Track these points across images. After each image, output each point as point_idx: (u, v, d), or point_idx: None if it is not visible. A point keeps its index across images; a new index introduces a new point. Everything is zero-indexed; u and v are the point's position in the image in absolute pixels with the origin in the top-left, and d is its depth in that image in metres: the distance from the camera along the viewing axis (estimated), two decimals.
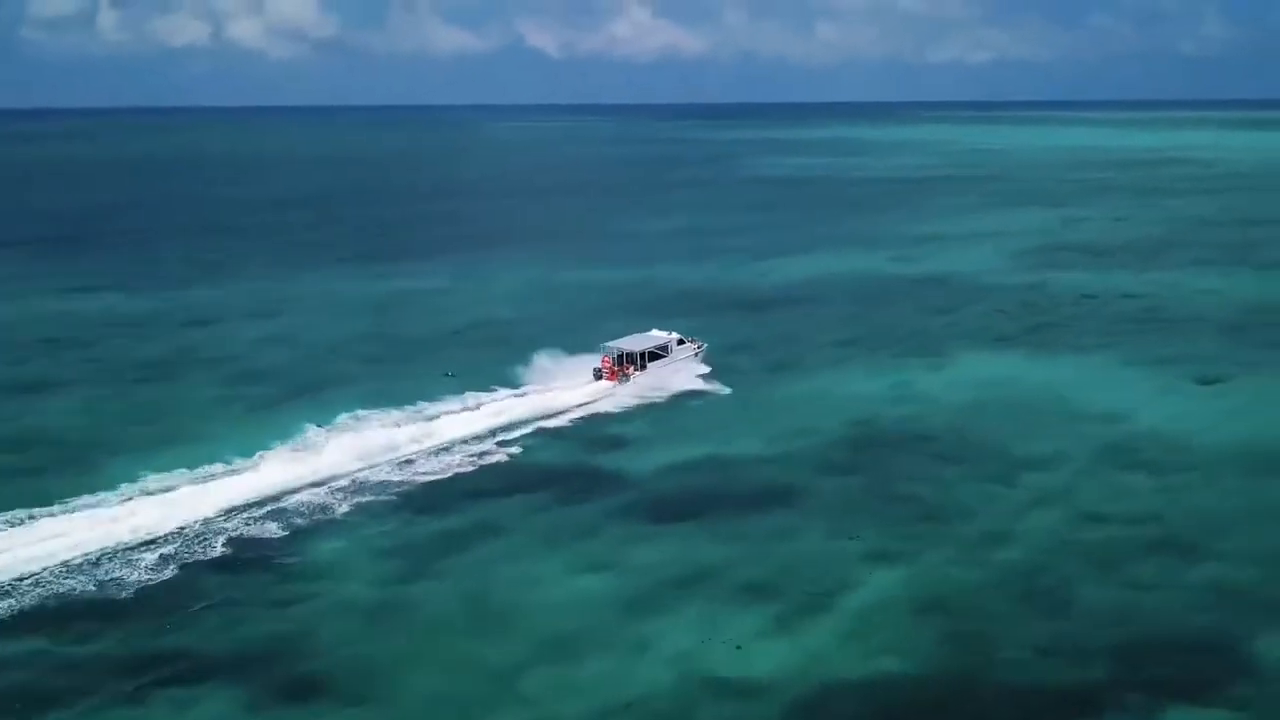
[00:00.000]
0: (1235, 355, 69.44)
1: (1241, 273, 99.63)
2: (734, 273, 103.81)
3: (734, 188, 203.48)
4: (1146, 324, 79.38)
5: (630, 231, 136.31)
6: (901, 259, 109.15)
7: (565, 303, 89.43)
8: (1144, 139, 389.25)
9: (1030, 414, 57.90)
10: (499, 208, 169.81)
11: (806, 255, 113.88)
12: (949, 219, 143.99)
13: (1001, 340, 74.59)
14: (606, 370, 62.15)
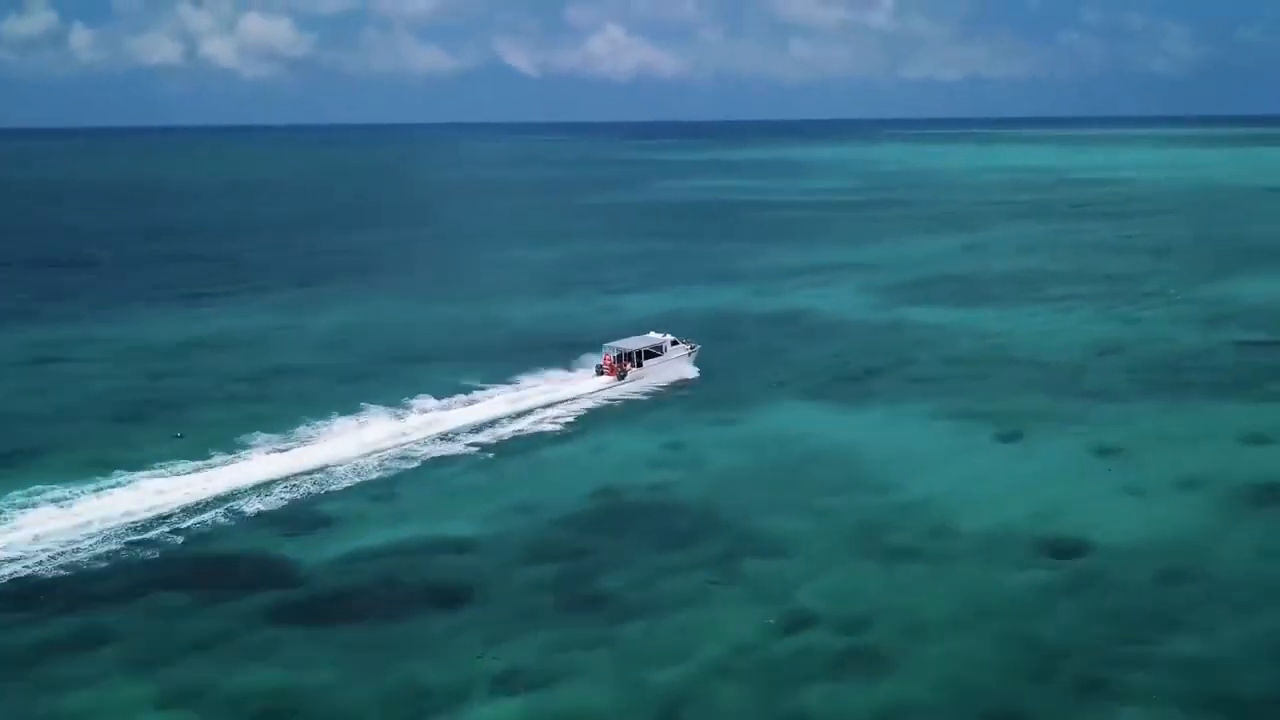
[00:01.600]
0: (1055, 408, 63.64)
1: (1111, 309, 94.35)
2: (578, 309, 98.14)
3: (643, 213, 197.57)
4: (981, 369, 73.88)
5: (502, 261, 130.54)
6: (763, 293, 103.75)
7: (370, 347, 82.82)
8: (1093, 157, 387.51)
9: (802, 480, 52.24)
10: (370, 239, 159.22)
11: (667, 289, 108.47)
12: (839, 248, 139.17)
13: (817, 389, 68.94)
14: (607, 367, 69.89)
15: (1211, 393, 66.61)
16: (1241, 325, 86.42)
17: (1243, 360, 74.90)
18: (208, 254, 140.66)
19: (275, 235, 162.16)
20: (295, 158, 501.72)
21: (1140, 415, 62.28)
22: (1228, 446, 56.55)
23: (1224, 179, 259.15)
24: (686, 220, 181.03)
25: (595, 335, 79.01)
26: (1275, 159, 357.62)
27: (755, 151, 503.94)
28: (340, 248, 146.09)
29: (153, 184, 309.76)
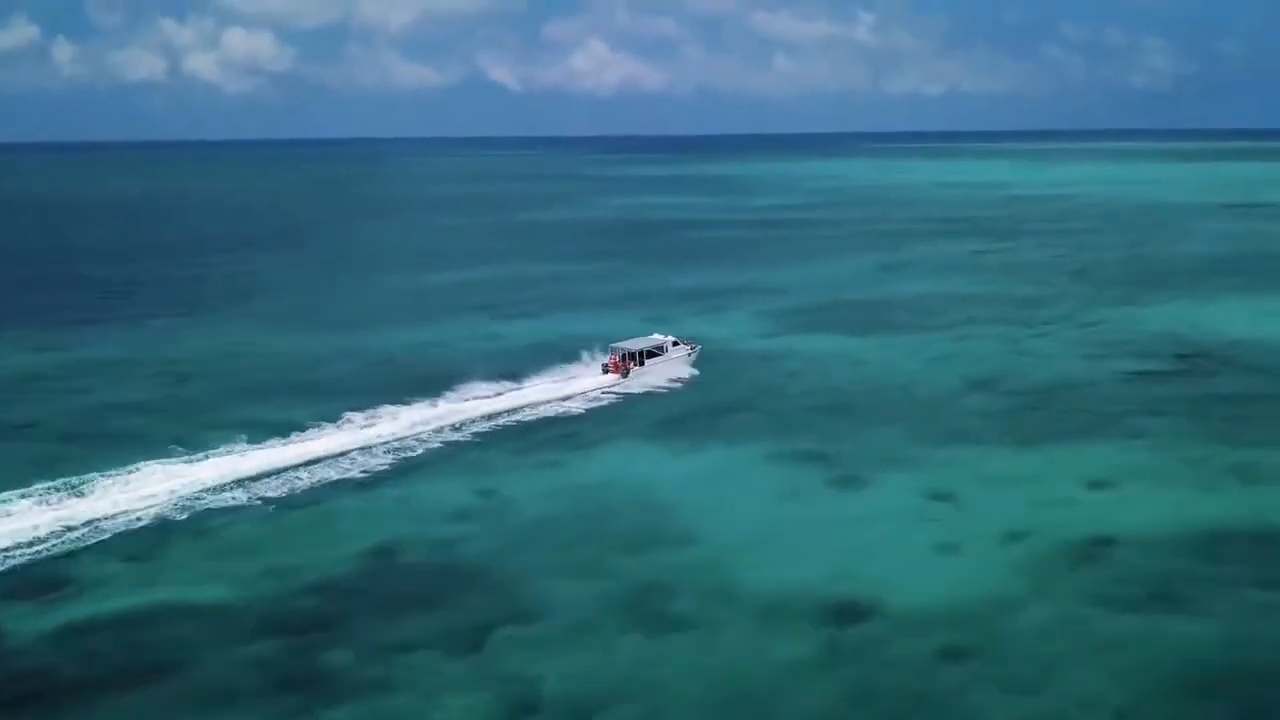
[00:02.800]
0: (905, 448, 59.96)
1: (1005, 337, 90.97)
2: (447, 337, 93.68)
3: (572, 231, 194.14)
4: (845, 404, 70.22)
5: (389, 286, 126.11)
6: (652, 319, 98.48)
7: (206, 381, 78.48)
8: (1051, 173, 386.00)
9: (601, 535, 48.33)
10: (268, 261, 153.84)
11: (555, 314, 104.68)
12: (753, 269, 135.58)
13: (663, 427, 64.95)
14: (612, 365, 75.82)
15: (1076, 431, 63.14)
16: (1134, 354, 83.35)
17: (1121, 394, 71.68)
18: (96, 277, 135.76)
19: (176, 258, 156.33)
20: (251, 174, 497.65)
21: (991, 457, 58.87)
22: (1070, 492, 53.10)
23: (1174, 195, 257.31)
24: (611, 239, 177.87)
25: (447, 368, 76.07)
26: (1232, 175, 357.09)
27: (720, 167, 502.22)
28: (230, 271, 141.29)
29: (84, 202, 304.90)
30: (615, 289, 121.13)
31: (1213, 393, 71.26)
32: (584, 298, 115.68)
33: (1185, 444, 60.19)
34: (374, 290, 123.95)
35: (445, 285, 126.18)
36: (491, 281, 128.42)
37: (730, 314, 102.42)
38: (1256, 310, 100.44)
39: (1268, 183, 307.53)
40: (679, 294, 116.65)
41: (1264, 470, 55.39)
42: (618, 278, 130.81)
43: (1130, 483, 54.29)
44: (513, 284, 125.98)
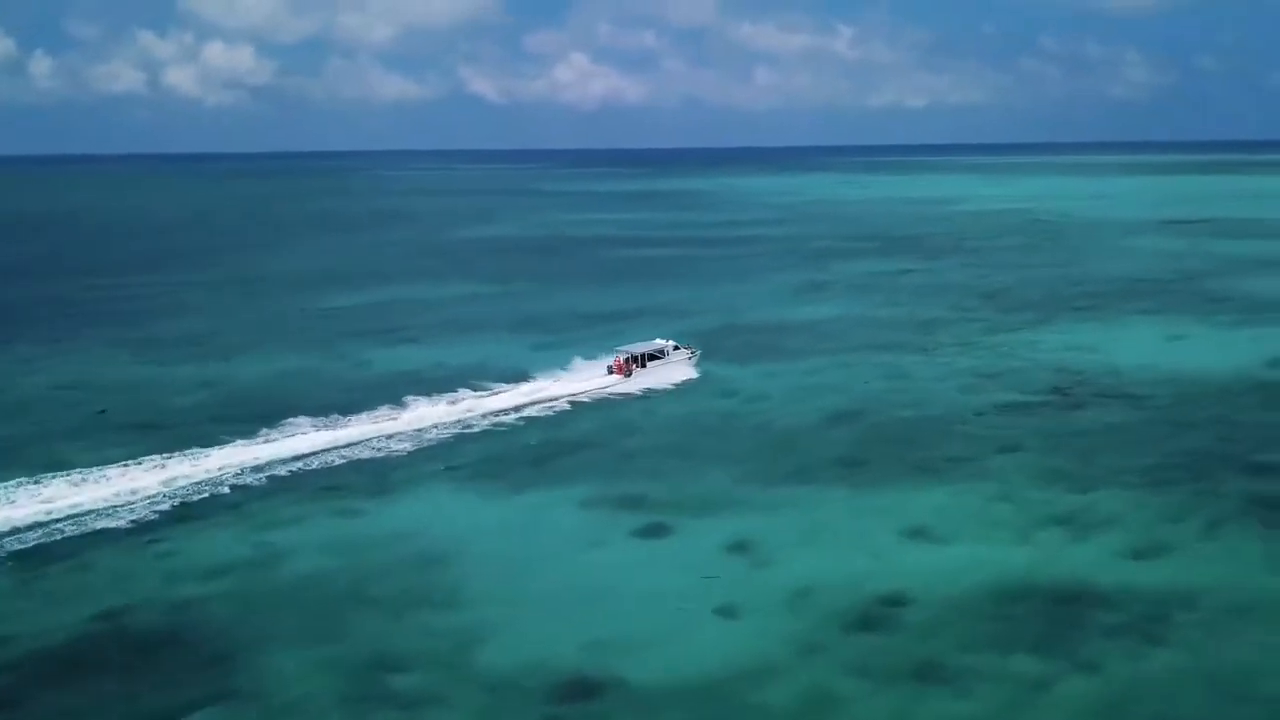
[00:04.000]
0: (733, 491, 56.66)
1: (892, 364, 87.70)
2: (325, 365, 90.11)
3: (502, 249, 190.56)
4: (691, 441, 66.42)
5: (294, 310, 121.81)
6: (541, 346, 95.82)
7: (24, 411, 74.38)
8: (1016, 187, 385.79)
9: (367, 595, 44.80)
10: (174, 280, 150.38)
11: (445, 337, 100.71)
12: (671, 290, 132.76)
13: (487, 468, 61.25)
14: (616, 367, 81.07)
15: (918, 471, 59.73)
16: (1014, 383, 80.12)
17: (981, 429, 68.29)
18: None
19: (61, 279, 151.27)
20: (201, 188, 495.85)
21: (819, 501, 55.57)
22: (883, 544, 49.78)
23: (1124, 211, 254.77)
24: (536, 257, 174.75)
25: (322, 400, 72.54)
26: (1191, 189, 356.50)
27: (688, 182, 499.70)
28: (114, 293, 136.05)
29: (23, 218, 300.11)
30: (513, 312, 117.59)
31: (1075, 427, 68.10)
32: (477, 321, 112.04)
33: (1024, 486, 56.96)
34: (254, 314, 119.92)
35: (331, 309, 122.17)
36: (381, 304, 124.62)
37: (621, 340, 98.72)
38: (1156, 335, 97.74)
39: (1222, 197, 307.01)
40: (579, 317, 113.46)
41: (1093, 517, 52.17)
42: (520, 299, 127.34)
43: (950, 532, 51.02)
44: (405, 307, 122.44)
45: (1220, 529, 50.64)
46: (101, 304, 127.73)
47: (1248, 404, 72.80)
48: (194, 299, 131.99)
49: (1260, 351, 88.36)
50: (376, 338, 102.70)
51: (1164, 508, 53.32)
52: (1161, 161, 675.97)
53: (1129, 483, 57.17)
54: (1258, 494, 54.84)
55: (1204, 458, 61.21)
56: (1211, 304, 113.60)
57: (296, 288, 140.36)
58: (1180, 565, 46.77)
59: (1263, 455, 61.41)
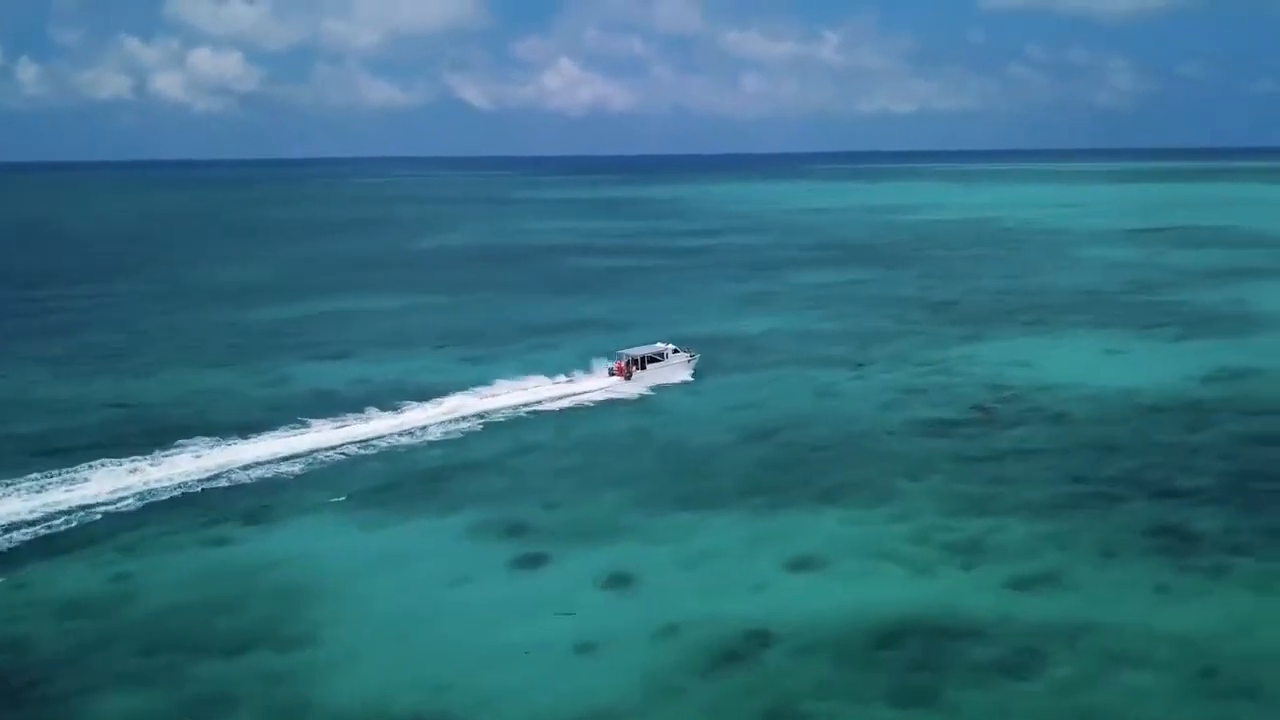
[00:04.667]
0: (623, 517, 54.76)
1: (820, 379, 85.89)
2: (231, 382, 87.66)
3: (454, 260, 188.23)
4: (598, 463, 64.60)
5: (220, 323, 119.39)
6: (464, 359, 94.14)
7: None
8: (988, 195, 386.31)
9: (220, 629, 42.78)
10: (92, 292, 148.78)
11: (358, 359, 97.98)
12: (620, 300, 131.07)
13: (380, 497, 59.58)
14: (618, 369, 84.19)
15: (820, 495, 57.73)
16: (941, 400, 78.39)
17: (897, 449, 66.35)
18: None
19: (21, 289, 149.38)
20: (173, 196, 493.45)
21: (712, 527, 53.68)
22: (767, 574, 47.84)
23: (1089, 220, 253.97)
24: (489, 267, 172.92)
25: (226, 419, 70.22)
26: (1161, 196, 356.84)
27: (665, 189, 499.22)
28: (55, 304, 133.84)
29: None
30: (444, 325, 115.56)
31: (992, 449, 66.38)
32: (405, 335, 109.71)
33: (925, 512, 55.21)
34: (180, 327, 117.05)
35: (261, 322, 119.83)
36: (313, 317, 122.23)
37: (551, 354, 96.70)
38: (1094, 350, 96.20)
39: (1194, 204, 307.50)
40: (512, 329, 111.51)
41: (988, 546, 50.43)
42: (456, 312, 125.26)
43: (838, 562, 49.23)
44: (337, 320, 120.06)
45: (1117, 561, 48.88)
46: (27, 316, 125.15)
47: (1173, 424, 71.15)
48: (121, 311, 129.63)
49: (1196, 367, 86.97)
50: (300, 353, 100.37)
51: (1064, 537, 51.57)
52: (1143, 168, 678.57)
53: (1034, 509, 55.47)
54: (1163, 523, 53.05)
55: (1116, 482, 59.47)
56: (1157, 317, 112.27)
57: (231, 300, 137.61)
58: (1067, 601, 44.95)
59: (1178, 480, 59.73)
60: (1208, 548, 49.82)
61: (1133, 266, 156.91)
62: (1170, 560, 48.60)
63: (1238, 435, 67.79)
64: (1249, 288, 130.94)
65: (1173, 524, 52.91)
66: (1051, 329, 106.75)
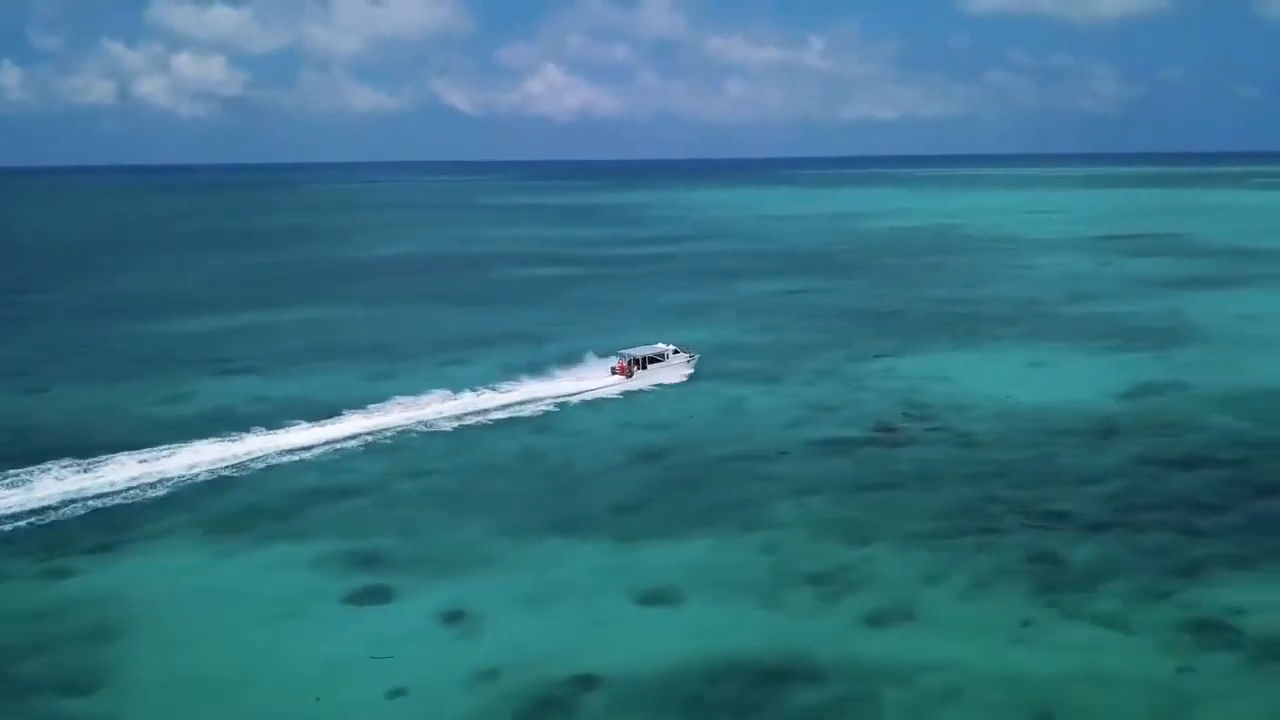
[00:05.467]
0: (479, 546, 52.49)
1: (733, 393, 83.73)
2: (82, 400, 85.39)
3: (391, 269, 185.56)
4: (471, 484, 62.34)
5: (127, 336, 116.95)
6: (368, 377, 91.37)
7: None
8: (959, 201, 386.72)
9: (19, 669, 40.99)
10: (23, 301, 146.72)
11: (259, 374, 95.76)
12: (554, 311, 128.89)
13: (230, 519, 57.08)
14: (620, 368, 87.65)
15: (693, 521, 55.46)
16: (847, 418, 76.03)
17: (786, 471, 63.97)
18: None
19: None
20: (134, 203, 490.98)
21: (569, 558, 51.38)
22: (613, 610, 45.63)
23: (1053, 227, 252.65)
24: (426, 277, 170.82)
25: (103, 438, 68.10)
26: (1132, 202, 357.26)
27: (638, 194, 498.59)
28: None
29: None
30: (360, 337, 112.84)
31: (884, 469, 64.25)
32: (315, 349, 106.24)
33: (797, 539, 53.11)
34: (87, 339, 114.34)
35: (176, 335, 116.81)
36: (230, 330, 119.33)
37: (460, 369, 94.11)
38: (1018, 364, 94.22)
39: (1163, 211, 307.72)
40: (428, 342, 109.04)
41: (852, 576, 48.28)
42: (376, 325, 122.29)
43: (691, 595, 47.03)
44: (255, 332, 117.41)
45: (983, 594, 46.78)
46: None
47: (1078, 444, 69.03)
48: (27, 323, 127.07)
49: (1116, 383, 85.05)
50: (203, 368, 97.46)
51: (935, 568, 49.46)
52: (1121, 174, 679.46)
53: (911, 537, 53.39)
54: (1042, 552, 50.95)
55: (1005, 508, 57.38)
56: (1091, 329, 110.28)
57: (149, 312, 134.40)
58: (918, 638, 42.86)
59: (1068, 505, 57.53)
60: (1078, 581, 47.74)
61: (1081, 276, 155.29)
62: (1037, 594, 46.49)
63: (1141, 457, 65.78)
64: (1190, 299, 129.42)
65: (1051, 553, 50.87)
66: (982, 342, 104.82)
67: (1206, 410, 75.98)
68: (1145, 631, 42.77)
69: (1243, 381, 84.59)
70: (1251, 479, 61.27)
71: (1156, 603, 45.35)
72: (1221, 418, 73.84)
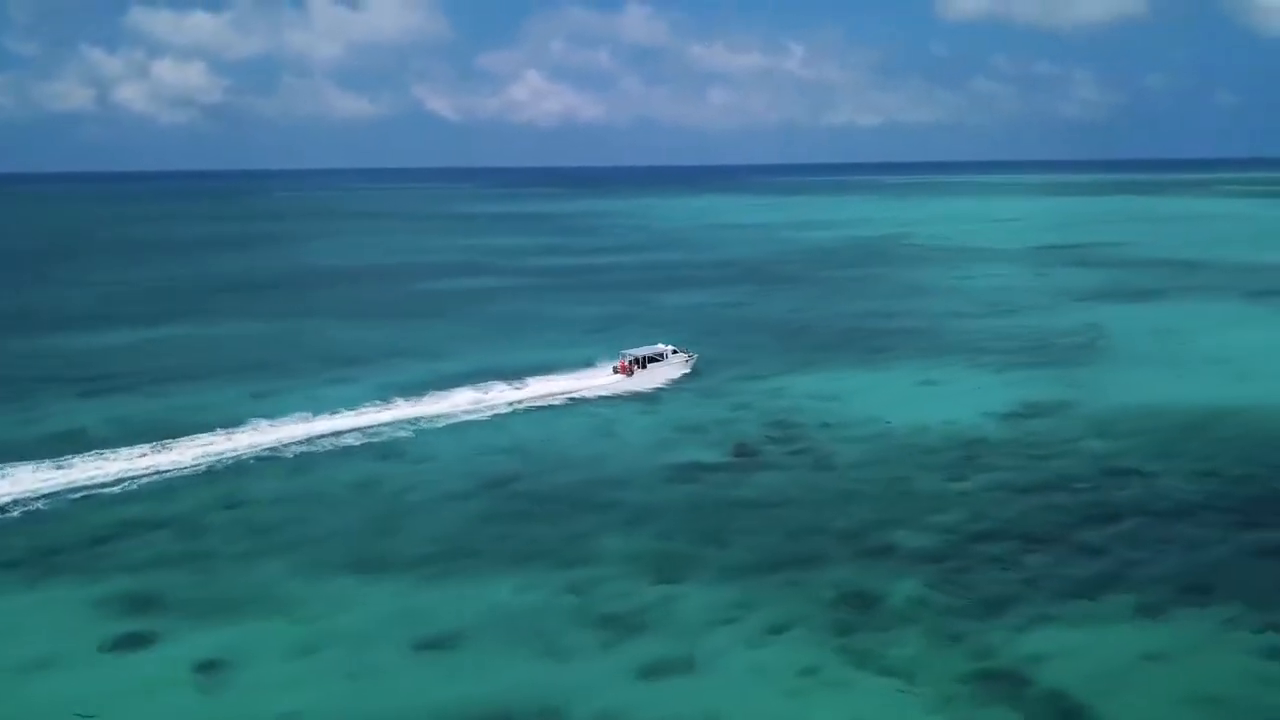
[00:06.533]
0: (276, 586, 49.74)
1: (591, 419, 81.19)
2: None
3: (304, 282, 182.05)
4: (287, 515, 59.34)
5: (32, 351, 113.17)
6: (213, 403, 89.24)
7: None
8: (921, 210, 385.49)
9: None
10: None
11: (98, 394, 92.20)
12: (455, 325, 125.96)
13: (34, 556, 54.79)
14: (621, 368, 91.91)
15: (508, 559, 52.53)
16: (713, 439, 73.12)
17: (625, 500, 61.13)
18: None
19: None
20: (78, 211, 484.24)
21: (359, 601, 48.19)
22: (379, 660, 42.80)
23: (1005, 236, 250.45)
24: (340, 289, 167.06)
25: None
26: (1092, 210, 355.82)
27: (602, 201, 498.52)
28: None
29: None
30: (249, 353, 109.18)
31: (729, 497, 61.45)
32: (196, 366, 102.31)
33: (610, 578, 49.99)
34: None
35: (51, 350, 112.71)
36: (117, 346, 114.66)
37: (339, 389, 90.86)
38: (910, 381, 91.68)
39: (1120, 219, 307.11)
40: (315, 358, 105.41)
41: (653, 620, 45.34)
42: (268, 340, 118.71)
43: (469, 644, 44.00)
44: (137, 349, 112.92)
45: (780, 638, 43.98)
46: None
47: (940, 469, 66.17)
48: None
49: (1004, 402, 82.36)
50: (71, 386, 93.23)
51: (736, 605, 46.81)
52: (1092, 181, 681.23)
53: (725, 570, 50.81)
54: (858, 591, 48.12)
55: (837, 540, 54.70)
56: (1000, 344, 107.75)
57: (38, 326, 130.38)
58: (686, 687, 40.26)
59: (900, 533, 54.92)
60: (881, 623, 45.13)
61: (1010, 289, 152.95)
62: (831, 638, 43.86)
63: (995, 483, 63.23)
64: (1111, 312, 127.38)
65: (863, 592, 48.28)
66: (882, 359, 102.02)
67: (1081, 433, 73.64)
68: (929, 683, 40.23)
69: (1127, 401, 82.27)
70: (1095, 508, 58.67)
71: (951, 649, 42.85)
72: (1093, 441, 71.48)
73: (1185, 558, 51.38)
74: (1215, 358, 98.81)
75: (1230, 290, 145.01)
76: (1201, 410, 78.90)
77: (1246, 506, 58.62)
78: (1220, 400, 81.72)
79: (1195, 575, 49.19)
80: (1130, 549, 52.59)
